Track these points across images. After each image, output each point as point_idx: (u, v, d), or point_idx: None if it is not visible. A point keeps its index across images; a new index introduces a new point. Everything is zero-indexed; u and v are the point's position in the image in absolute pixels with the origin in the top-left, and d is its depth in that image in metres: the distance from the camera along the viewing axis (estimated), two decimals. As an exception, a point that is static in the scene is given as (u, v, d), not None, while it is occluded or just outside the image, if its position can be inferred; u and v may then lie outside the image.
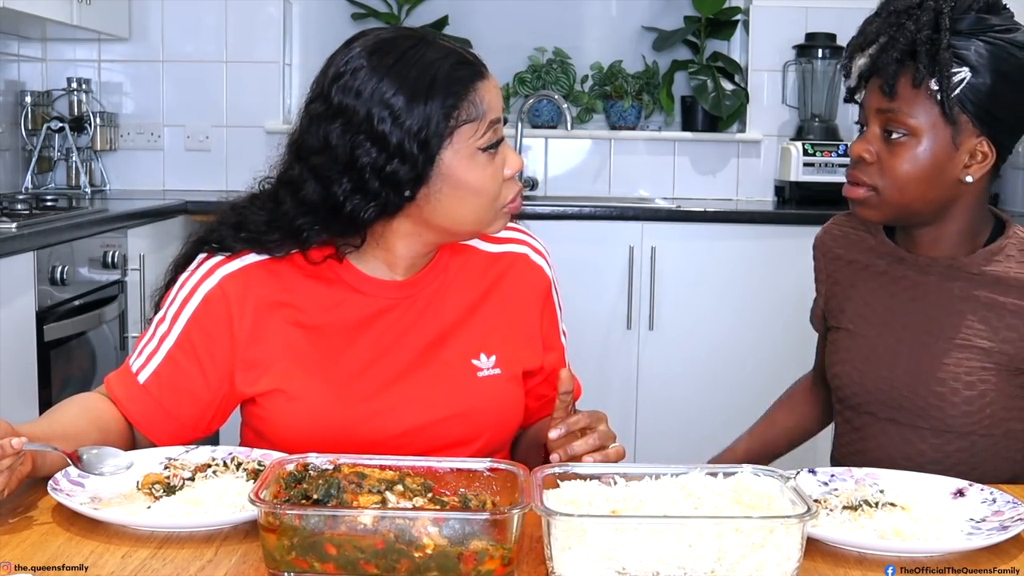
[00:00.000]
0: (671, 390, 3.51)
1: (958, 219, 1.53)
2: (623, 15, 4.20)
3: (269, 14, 4.01)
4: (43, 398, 2.63)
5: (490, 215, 1.41)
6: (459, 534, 1.02)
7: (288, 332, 1.41)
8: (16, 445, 1.15)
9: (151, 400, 1.40)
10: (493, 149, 1.37)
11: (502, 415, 1.48)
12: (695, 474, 1.12)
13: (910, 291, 1.57)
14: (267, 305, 1.41)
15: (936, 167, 1.47)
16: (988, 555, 1.14)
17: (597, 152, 4.11)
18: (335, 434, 1.39)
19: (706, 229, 3.55)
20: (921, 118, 1.46)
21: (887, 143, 1.49)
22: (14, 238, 2.49)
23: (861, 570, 1.10)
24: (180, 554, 1.10)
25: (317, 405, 1.40)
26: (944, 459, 1.52)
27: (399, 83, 1.34)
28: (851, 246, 1.66)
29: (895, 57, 1.46)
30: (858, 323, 1.61)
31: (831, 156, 3.79)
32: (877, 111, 1.50)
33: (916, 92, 1.45)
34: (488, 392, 1.46)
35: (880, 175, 1.50)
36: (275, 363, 1.41)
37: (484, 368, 1.46)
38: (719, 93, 3.91)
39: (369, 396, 1.42)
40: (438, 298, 1.47)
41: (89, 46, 4.00)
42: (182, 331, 1.41)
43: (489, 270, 1.51)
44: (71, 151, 3.84)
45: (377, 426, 1.41)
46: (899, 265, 1.58)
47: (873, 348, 1.58)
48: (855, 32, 1.58)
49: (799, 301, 3.53)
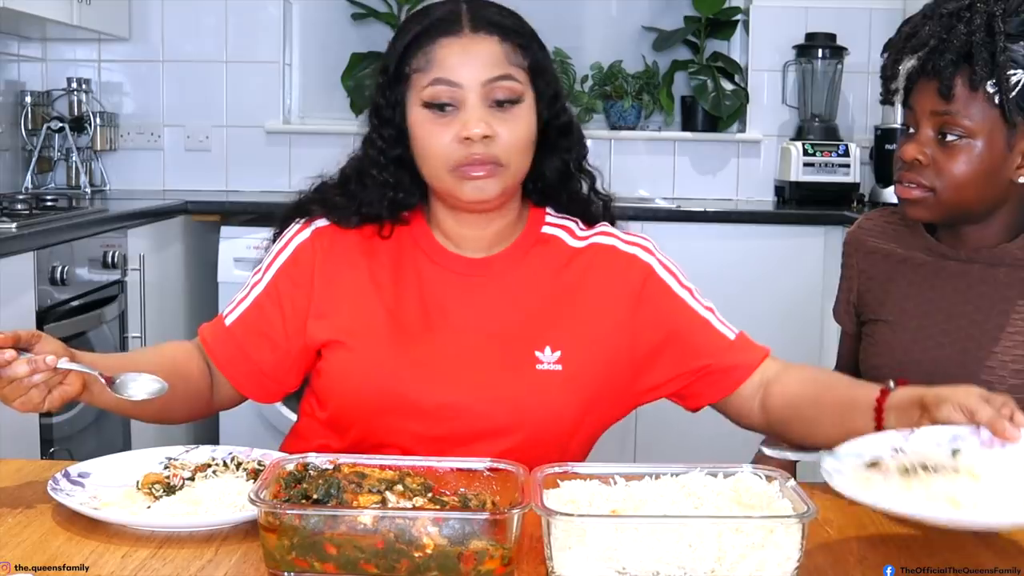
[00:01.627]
0: (671, 390, 3.51)
1: (1005, 216, 1.55)
2: (623, 15, 4.20)
3: (269, 14, 4.01)
4: (43, 398, 2.63)
5: (443, 176, 1.41)
6: (459, 534, 1.02)
7: (361, 288, 1.46)
8: (50, 362, 1.20)
9: (234, 342, 1.46)
10: (439, 109, 1.39)
11: (551, 411, 1.43)
12: (695, 474, 1.12)
13: (953, 281, 1.57)
14: (349, 260, 1.47)
15: (991, 168, 1.49)
16: (989, 555, 1.14)
17: (597, 152, 4.07)
18: (383, 394, 1.41)
19: (706, 229, 3.55)
20: (977, 119, 1.47)
21: (942, 145, 1.50)
22: (14, 238, 2.49)
23: (861, 570, 1.10)
24: (180, 554, 1.10)
25: (371, 360, 1.42)
26: None
27: (398, 28, 1.48)
28: (888, 240, 1.66)
29: (951, 59, 1.46)
30: (898, 315, 1.61)
31: (831, 156, 3.79)
32: (932, 113, 1.50)
33: (973, 95, 1.46)
34: (542, 386, 1.43)
35: (936, 177, 1.51)
36: (342, 315, 1.45)
37: (545, 362, 1.43)
38: (719, 93, 3.91)
39: (421, 361, 1.42)
40: (514, 283, 1.47)
41: (89, 46, 4.00)
42: (271, 279, 1.48)
43: (572, 263, 1.50)
44: (71, 151, 3.84)
45: (423, 392, 1.41)
46: (940, 257, 1.59)
47: (915, 339, 1.58)
48: (895, 34, 1.58)
49: (799, 301, 3.54)
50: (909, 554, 1.14)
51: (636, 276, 1.50)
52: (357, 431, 1.44)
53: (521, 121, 1.41)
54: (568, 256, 1.50)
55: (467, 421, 1.41)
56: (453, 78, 1.39)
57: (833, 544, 1.16)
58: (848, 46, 3.92)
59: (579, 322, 1.46)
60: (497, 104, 1.40)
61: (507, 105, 1.40)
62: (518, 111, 1.41)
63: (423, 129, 1.41)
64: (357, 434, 1.45)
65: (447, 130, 1.39)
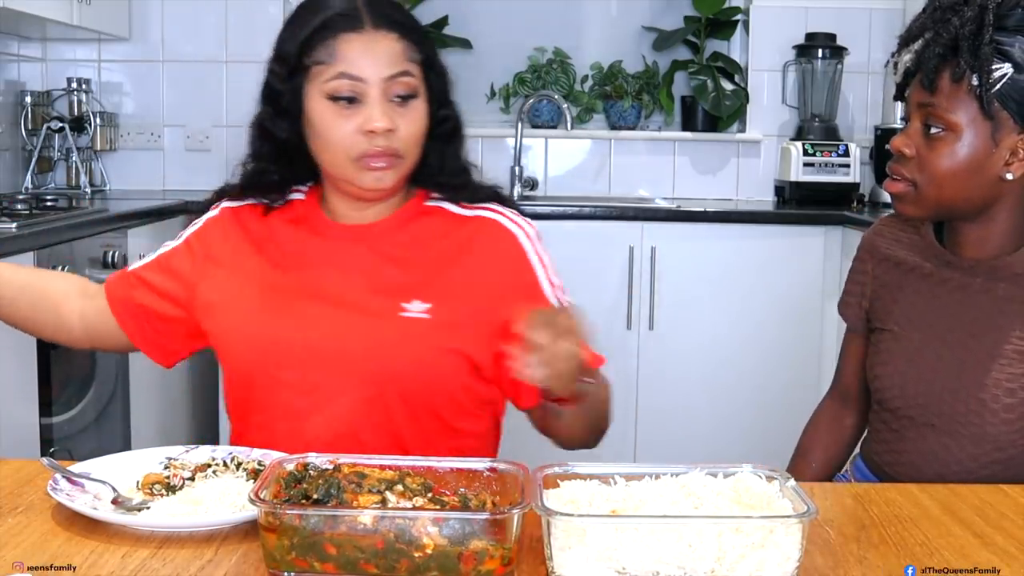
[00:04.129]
0: (671, 390, 3.51)
1: (1003, 218, 1.52)
2: (623, 15, 4.20)
3: (269, 14, 4.01)
4: (43, 398, 2.63)
5: (345, 165, 1.47)
6: (459, 534, 1.02)
7: (248, 257, 1.56)
8: None
9: (127, 283, 1.60)
10: (344, 102, 1.44)
11: (415, 356, 1.46)
12: (695, 474, 1.12)
13: (955, 293, 1.55)
14: (247, 236, 1.57)
15: (975, 164, 1.46)
16: (989, 555, 1.14)
17: (597, 152, 4.11)
18: (257, 343, 1.50)
19: (706, 229, 3.55)
20: (960, 114, 1.45)
21: (927, 138, 1.48)
22: (14, 238, 2.49)
23: (861, 570, 1.10)
24: (180, 554, 1.10)
25: (246, 314, 1.52)
26: (979, 470, 1.50)
27: (292, 16, 1.51)
28: (900, 247, 1.64)
29: (937, 52, 1.45)
30: (903, 325, 1.59)
31: (831, 156, 3.79)
32: (918, 105, 1.49)
33: (956, 87, 1.45)
34: (406, 330, 1.46)
35: (919, 170, 1.49)
36: (225, 278, 1.55)
37: (411, 311, 1.48)
38: (719, 93, 3.91)
39: (292, 312, 1.50)
40: (393, 246, 1.53)
41: (89, 46, 4.00)
42: (178, 244, 1.61)
43: (457, 230, 1.54)
44: (71, 151, 3.84)
45: (292, 340, 1.48)
46: (945, 267, 1.57)
47: (917, 351, 1.56)
48: (904, 28, 1.56)
49: (799, 301, 3.55)
50: (909, 554, 1.14)
51: (512, 254, 1.53)
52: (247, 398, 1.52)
53: (417, 115, 1.48)
54: (454, 223, 1.55)
55: (335, 366, 1.46)
56: (356, 73, 1.44)
57: (833, 544, 1.16)
58: (848, 46, 3.92)
59: (454, 283, 1.50)
60: (398, 99, 1.46)
61: (406, 100, 1.47)
62: (415, 105, 1.48)
63: (325, 120, 1.46)
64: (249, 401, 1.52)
65: (349, 122, 1.45)
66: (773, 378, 3.49)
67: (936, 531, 1.20)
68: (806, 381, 3.40)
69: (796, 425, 1.85)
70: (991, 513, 1.26)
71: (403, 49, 1.47)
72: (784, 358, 3.50)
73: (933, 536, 1.19)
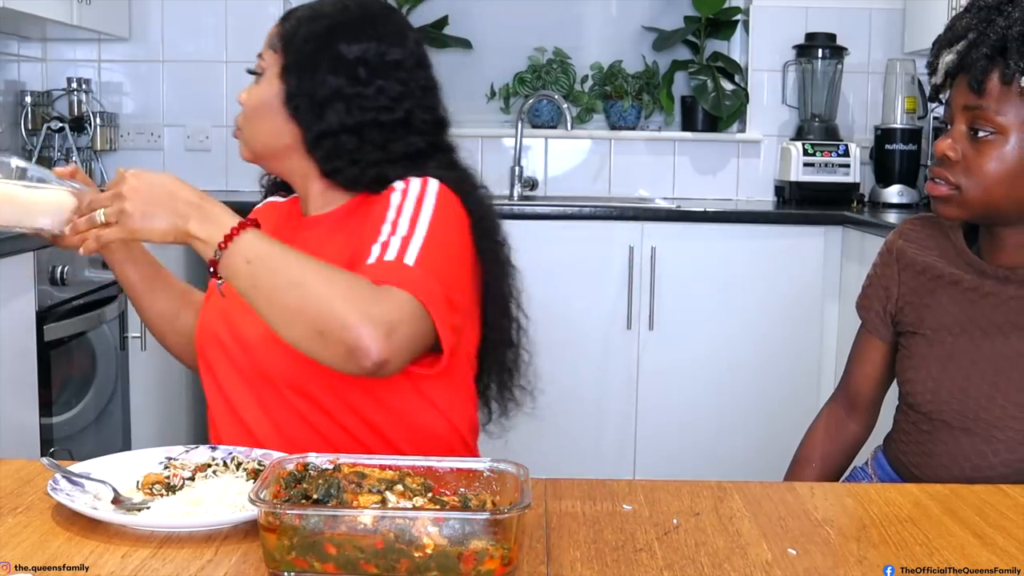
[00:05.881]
0: (671, 390, 3.51)
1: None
2: (623, 15, 4.20)
3: (269, 14, 4.00)
4: (43, 398, 2.63)
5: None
6: (459, 534, 1.02)
7: None
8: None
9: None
10: (252, 75, 1.69)
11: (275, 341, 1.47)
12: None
13: (990, 299, 1.53)
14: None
15: (1022, 168, 1.44)
16: (989, 555, 1.14)
17: (597, 152, 4.11)
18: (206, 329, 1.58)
19: (706, 229, 3.55)
20: (1010, 116, 1.43)
21: (973, 141, 1.46)
22: (14, 238, 2.49)
23: (861, 570, 1.10)
24: (180, 554, 1.10)
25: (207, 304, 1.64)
26: (1014, 474, 1.48)
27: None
28: (930, 252, 1.61)
29: (985, 53, 1.43)
30: (936, 330, 1.56)
31: (831, 156, 3.79)
32: (964, 108, 1.46)
33: (1006, 90, 1.42)
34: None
35: (965, 174, 1.47)
36: None
37: None
38: (719, 93, 3.91)
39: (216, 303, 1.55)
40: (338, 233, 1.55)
41: (89, 46, 4.00)
42: None
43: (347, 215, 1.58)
44: (71, 151, 3.84)
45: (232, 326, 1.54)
46: (978, 274, 1.55)
47: (950, 356, 1.54)
48: (943, 29, 1.53)
49: (799, 301, 3.55)
50: (909, 554, 1.14)
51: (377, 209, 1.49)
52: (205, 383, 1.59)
53: (253, 91, 1.70)
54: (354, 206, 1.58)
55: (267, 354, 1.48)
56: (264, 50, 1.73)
57: (833, 544, 1.16)
58: (848, 46, 3.92)
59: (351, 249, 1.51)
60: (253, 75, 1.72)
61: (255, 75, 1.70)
62: (260, 81, 1.70)
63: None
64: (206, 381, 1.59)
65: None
66: (773, 378, 3.48)
67: (936, 531, 1.20)
68: (806, 381, 3.40)
69: (796, 424, 1.85)
70: (991, 513, 1.26)
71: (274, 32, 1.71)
72: (784, 358, 3.49)
73: (933, 536, 1.18)
